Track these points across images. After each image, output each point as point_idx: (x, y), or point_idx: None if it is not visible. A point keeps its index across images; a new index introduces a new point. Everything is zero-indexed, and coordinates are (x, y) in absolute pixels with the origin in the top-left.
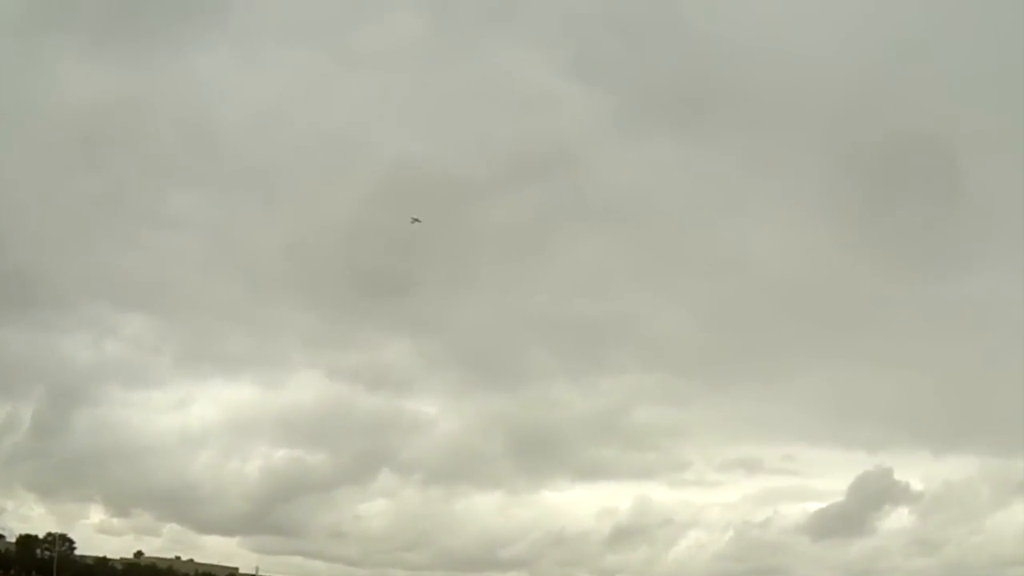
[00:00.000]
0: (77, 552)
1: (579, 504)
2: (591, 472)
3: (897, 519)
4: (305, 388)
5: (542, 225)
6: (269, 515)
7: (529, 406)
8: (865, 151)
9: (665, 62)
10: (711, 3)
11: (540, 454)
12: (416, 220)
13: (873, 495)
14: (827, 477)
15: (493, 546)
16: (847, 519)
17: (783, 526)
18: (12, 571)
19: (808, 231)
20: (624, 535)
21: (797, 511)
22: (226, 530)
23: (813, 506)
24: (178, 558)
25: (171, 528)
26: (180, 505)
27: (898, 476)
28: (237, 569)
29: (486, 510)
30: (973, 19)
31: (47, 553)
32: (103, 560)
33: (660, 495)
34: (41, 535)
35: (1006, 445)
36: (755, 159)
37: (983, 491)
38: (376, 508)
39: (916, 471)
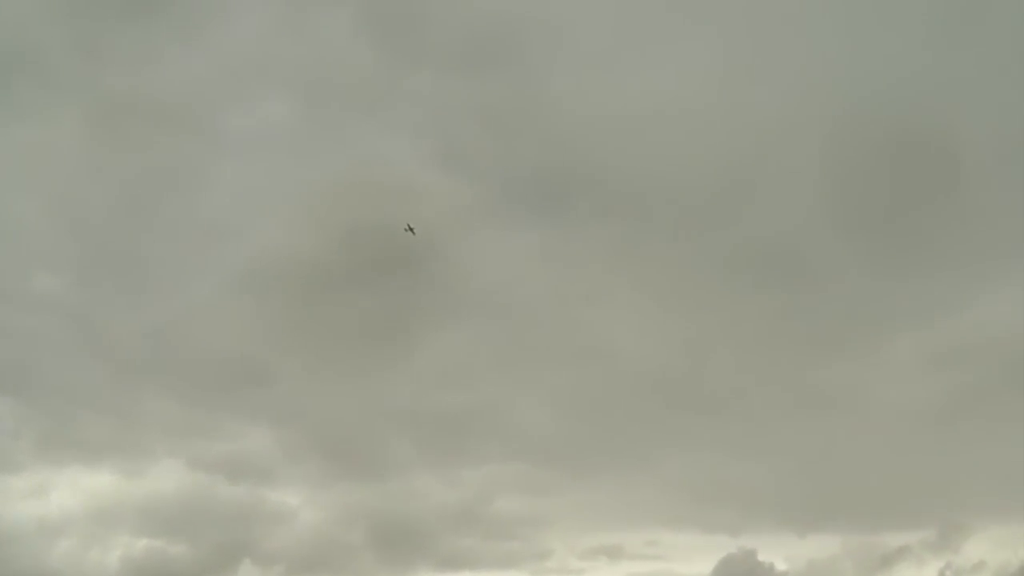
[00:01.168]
0: None
1: None
2: (453, 562)
3: None
4: (166, 477)
5: (405, 315)
6: None
7: (391, 497)
8: (726, 242)
9: (530, 153)
10: (578, 95)
11: (402, 545)
12: (410, 229)
13: None
14: (691, 561)
15: None
16: None
17: None
18: None
19: (670, 321)
20: None
21: None
22: None
23: None
24: None
25: None
26: None
27: (762, 557)
28: None
29: None
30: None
31: None
32: None
33: None
34: None
35: (868, 522)
36: (618, 249)
37: (846, 568)
38: None
39: (780, 552)
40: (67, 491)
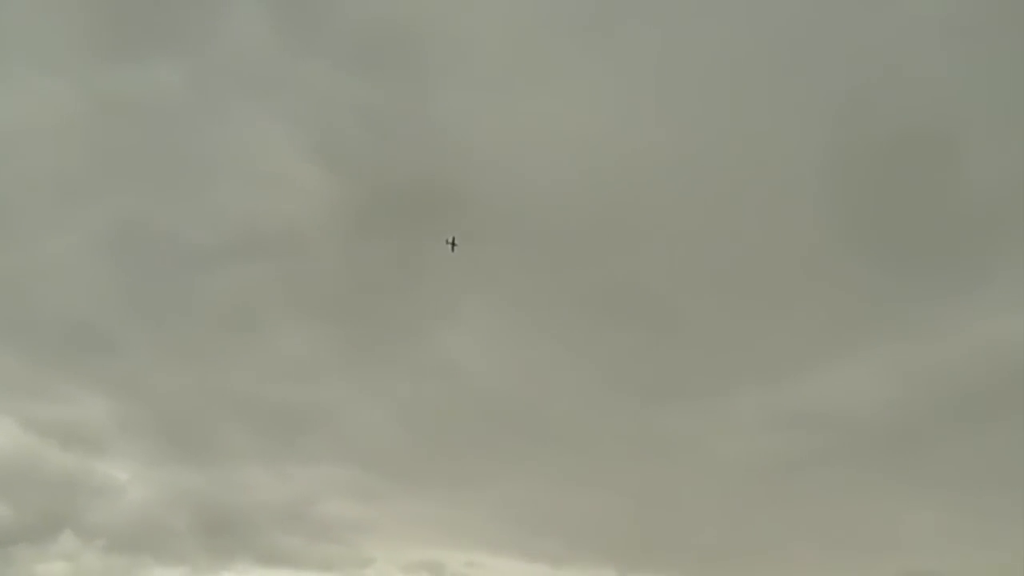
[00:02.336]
0: None
1: None
2: (275, 559)
3: None
4: None
5: (259, 304)
6: None
7: (220, 484)
8: (590, 276)
9: (407, 161)
10: (466, 111)
11: (226, 534)
12: (451, 243)
13: None
14: None
15: None
16: None
17: None
18: None
19: (522, 346)
20: None
21: None
22: None
23: None
24: None
25: None
26: None
27: None
28: None
29: None
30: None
31: None
32: None
33: None
34: None
35: (688, 569)
36: (480, 269)
37: None
38: (54, 570)
39: None
40: None
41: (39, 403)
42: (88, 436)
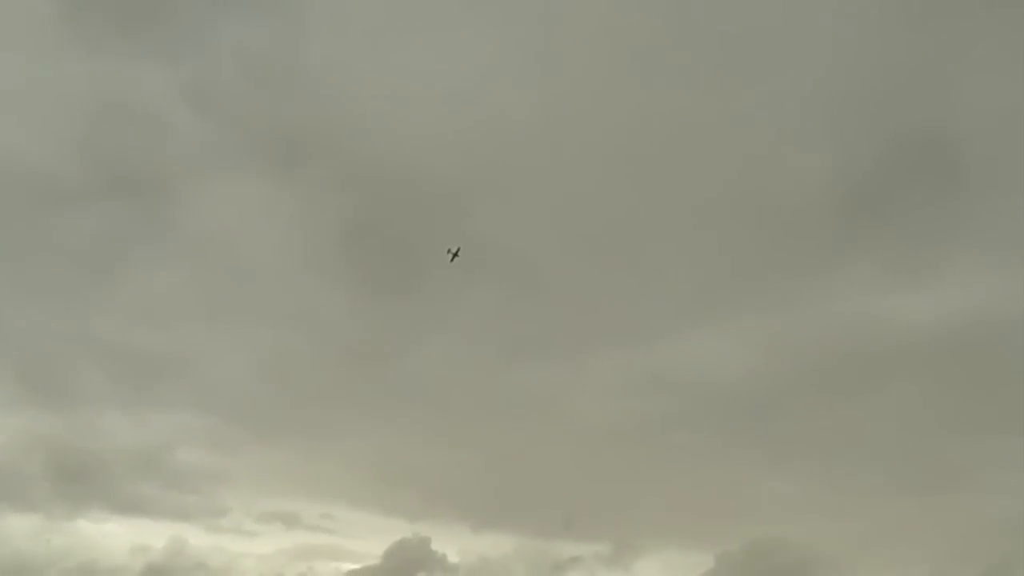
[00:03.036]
0: None
1: (114, 538)
2: (130, 507)
3: None
4: None
5: (122, 245)
6: None
7: (77, 430)
8: (456, 232)
9: (280, 107)
10: (342, 61)
11: (81, 481)
12: (452, 253)
13: (408, 562)
14: (364, 540)
15: (23, 573)
16: None
17: None
18: None
19: (385, 299)
20: (157, 575)
21: (331, 570)
22: None
23: (348, 566)
24: None
25: None
26: None
27: (435, 546)
28: None
29: (20, 533)
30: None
31: None
32: None
33: (196, 539)
34: None
35: (544, 529)
36: (345, 221)
37: (518, 569)
38: None
39: (454, 543)
40: None
41: None
42: None
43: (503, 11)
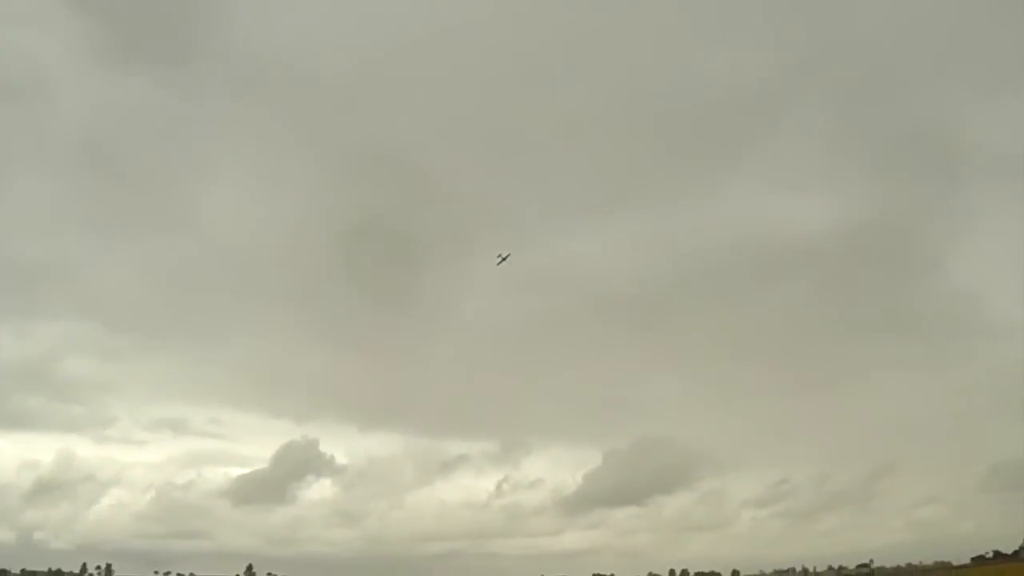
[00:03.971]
0: None
1: (0, 455)
2: (16, 422)
3: (320, 490)
4: None
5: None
6: None
7: None
8: (337, 136)
9: (164, 3)
10: None
11: None
12: (502, 257)
13: (297, 464)
14: (252, 444)
15: None
16: (270, 486)
17: (206, 489)
18: None
19: (271, 202)
20: (46, 490)
21: (220, 475)
22: None
23: (237, 471)
24: None
25: None
26: None
27: (323, 448)
28: None
29: None
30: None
31: None
32: None
33: (84, 450)
34: None
35: (431, 428)
36: (228, 123)
37: (406, 468)
38: None
39: (341, 444)
40: None
41: None
42: None
43: None
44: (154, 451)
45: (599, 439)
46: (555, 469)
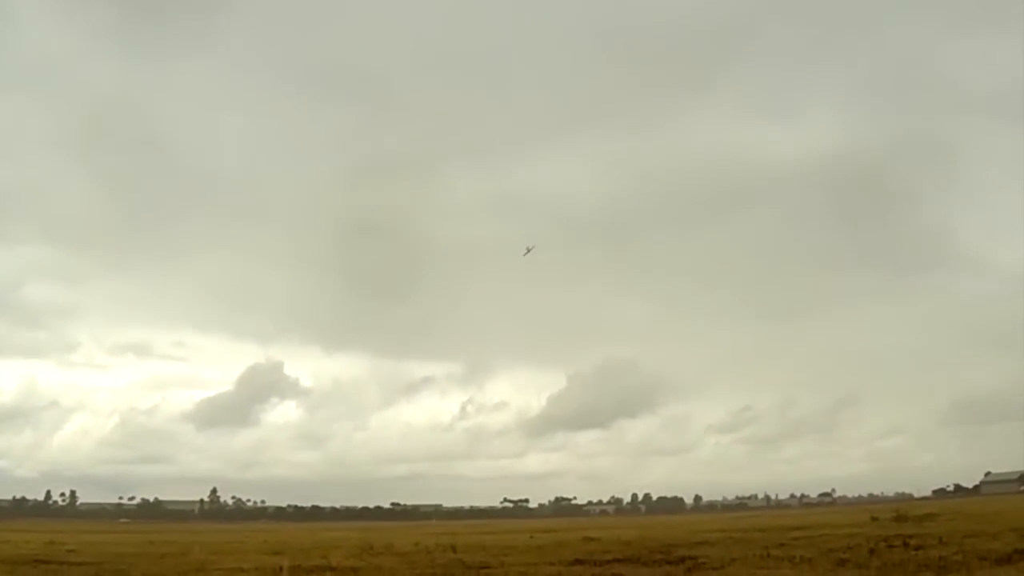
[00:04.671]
0: None
1: None
2: None
3: (284, 412)
4: None
5: None
6: None
7: None
8: (305, 52)
9: None
10: None
11: None
12: (529, 250)
13: (262, 387)
14: (216, 366)
15: None
16: (235, 409)
17: (170, 413)
18: None
19: (236, 115)
20: (8, 417)
21: (185, 399)
22: None
23: (201, 394)
24: None
25: None
26: None
27: (288, 370)
28: None
29: None
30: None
31: None
32: None
33: (48, 376)
34: None
35: (396, 350)
36: (199, 38)
37: (371, 390)
38: None
39: (307, 366)
40: None
41: None
42: None
43: None
44: (118, 376)
45: (563, 362)
46: (519, 392)
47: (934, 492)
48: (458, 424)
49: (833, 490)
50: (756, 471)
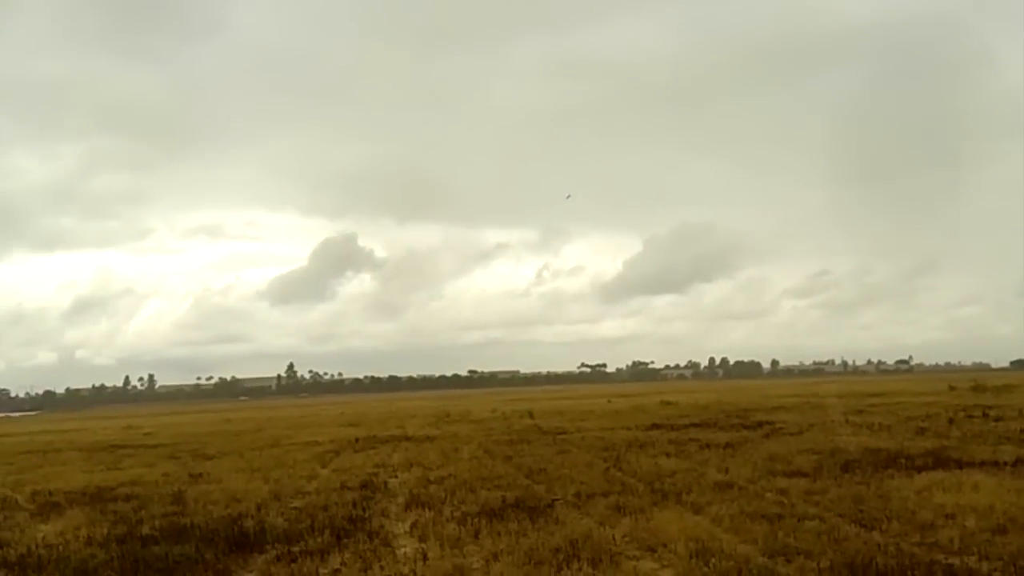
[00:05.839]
0: None
1: (39, 277)
2: (50, 243)
3: (359, 284)
4: None
5: None
6: None
7: None
8: None
9: None
10: None
11: None
12: (569, 196)
13: (336, 261)
14: (289, 243)
15: None
16: (309, 284)
17: (244, 292)
18: None
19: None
20: (84, 308)
21: (258, 277)
22: None
23: (274, 272)
24: None
25: None
26: None
27: (361, 243)
28: None
29: None
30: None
31: None
32: None
33: (122, 265)
34: None
35: (470, 216)
36: None
37: (446, 259)
38: None
39: (379, 238)
40: None
41: None
42: None
43: None
44: (191, 259)
45: (639, 226)
46: (595, 256)
47: (1012, 363)
48: (534, 290)
49: (910, 357)
50: (833, 336)
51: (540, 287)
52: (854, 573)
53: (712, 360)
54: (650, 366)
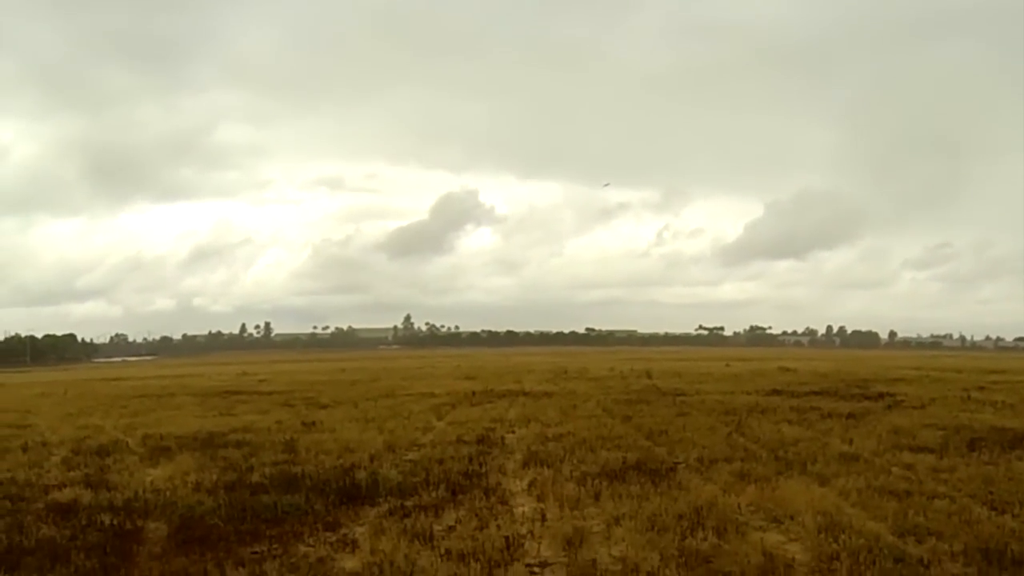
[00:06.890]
0: None
1: (159, 227)
2: (172, 193)
3: (479, 239)
4: None
5: None
6: None
7: (108, 128)
8: None
9: None
10: None
11: (119, 177)
12: (607, 184)
13: (456, 215)
14: (409, 196)
15: (70, 276)
16: (428, 238)
17: (363, 244)
18: None
19: None
20: (203, 256)
21: (377, 229)
22: None
23: (394, 224)
24: None
25: None
26: None
27: (483, 198)
28: None
29: (64, 238)
30: None
31: None
32: None
33: (241, 215)
34: None
35: (591, 175)
36: None
37: (566, 216)
38: None
39: (501, 194)
40: None
41: None
42: None
43: None
44: (311, 210)
45: (761, 190)
46: (716, 219)
47: None
48: (654, 250)
49: None
50: (951, 310)
51: (660, 248)
52: (988, 558)
53: (830, 328)
54: (767, 331)
